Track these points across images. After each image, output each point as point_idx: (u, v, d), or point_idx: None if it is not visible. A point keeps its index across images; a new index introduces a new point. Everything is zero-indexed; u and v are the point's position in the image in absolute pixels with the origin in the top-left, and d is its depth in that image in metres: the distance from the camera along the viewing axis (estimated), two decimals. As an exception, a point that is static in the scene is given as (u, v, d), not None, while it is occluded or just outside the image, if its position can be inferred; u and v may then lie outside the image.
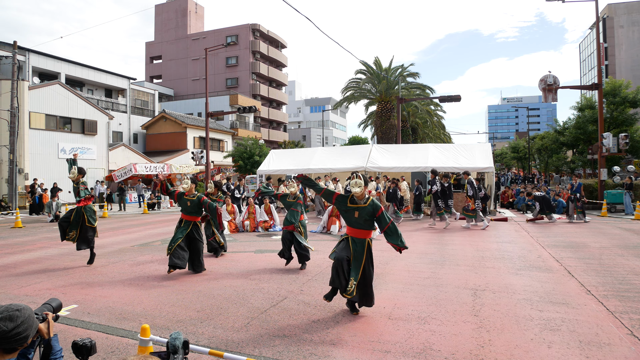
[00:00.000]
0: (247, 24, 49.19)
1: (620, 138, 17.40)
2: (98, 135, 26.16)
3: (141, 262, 7.85)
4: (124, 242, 10.41)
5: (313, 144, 58.57)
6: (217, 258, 8.16)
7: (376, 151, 18.37)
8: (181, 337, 2.01)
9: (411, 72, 32.90)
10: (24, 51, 25.97)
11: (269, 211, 12.66)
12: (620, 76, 47.59)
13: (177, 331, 2.04)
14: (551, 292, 5.47)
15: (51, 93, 23.69)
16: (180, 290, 5.86)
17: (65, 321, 4.61)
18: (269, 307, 5.00)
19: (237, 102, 40.62)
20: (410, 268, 7.00)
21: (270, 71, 51.84)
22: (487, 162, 16.38)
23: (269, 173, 19.20)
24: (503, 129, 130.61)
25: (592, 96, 29.17)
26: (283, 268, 7.15)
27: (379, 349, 3.76)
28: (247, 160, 29.08)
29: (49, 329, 1.90)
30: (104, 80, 32.76)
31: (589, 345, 3.79)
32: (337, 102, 35.74)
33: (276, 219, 12.69)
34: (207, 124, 24.18)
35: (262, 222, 12.50)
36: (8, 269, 7.36)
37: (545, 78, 17.65)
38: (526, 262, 7.38)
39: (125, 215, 18.62)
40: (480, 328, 4.22)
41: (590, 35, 66.87)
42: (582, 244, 9.22)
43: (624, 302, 5.00)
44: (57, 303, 2.06)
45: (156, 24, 53.76)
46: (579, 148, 28.12)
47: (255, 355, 3.66)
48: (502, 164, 56.34)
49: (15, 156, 19.79)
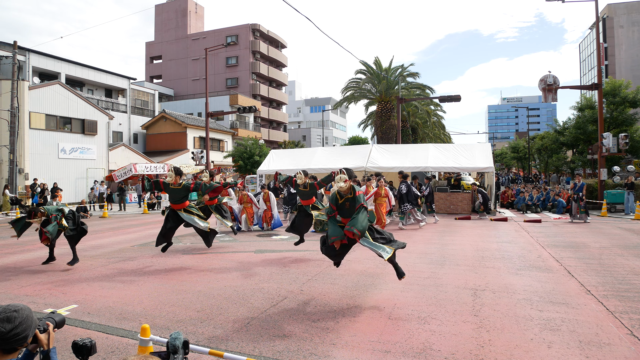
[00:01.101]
0: (247, 24, 49.19)
1: (620, 138, 17.39)
2: (98, 135, 26.16)
3: (141, 262, 7.85)
4: (124, 242, 10.41)
5: (313, 144, 58.57)
6: (214, 253, 8.21)
7: (376, 151, 18.38)
8: (181, 337, 2.01)
9: (411, 72, 32.93)
10: (24, 51, 25.97)
11: (267, 199, 12.28)
12: (620, 76, 47.59)
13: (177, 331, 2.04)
14: (551, 292, 5.47)
15: (51, 93, 23.68)
16: (180, 290, 5.86)
17: (65, 321, 4.61)
18: (269, 307, 5.00)
19: (237, 102, 40.62)
20: (410, 268, 7.00)
21: (270, 71, 51.84)
22: (487, 162, 16.38)
23: (269, 173, 19.20)
24: (503, 129, 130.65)
25: (592, 96, 29.16)
26: (283, 268, 7.15)
27: (379, 349, 3.76)
28: (247, 160, 29.07)
29: (49, 341, 1.90)
30: (104, 80, 32.76)
31: (589, 345, 3.79)
32: (337, 102, 35.74)
33: (275, 213, 12.29)
34: (207, 124, 24.19)
35: (265, 215, 12.18)
36: (8, 269, 7.35)
37: (545, 78, 17.65)
38: (526, 262, 7.38)
39: (125, 215, 18.62)
40: (480, 328, 4.22)
41: (590, 35, 66.85)
42: (582, 244, 9.22)
43: (624, 302, 5.00)
44: (61, 318, 2.04)
45: (156, 24, 53.76)
46: (579, 148, 28.11)
47: (255, 355, 3.66)
48: (502, 164, 56.36)
49: (15, 156, 19.80)
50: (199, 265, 7.47)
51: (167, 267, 7.29)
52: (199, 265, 7.46)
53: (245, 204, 12.29)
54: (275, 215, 12.30)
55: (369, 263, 7.39)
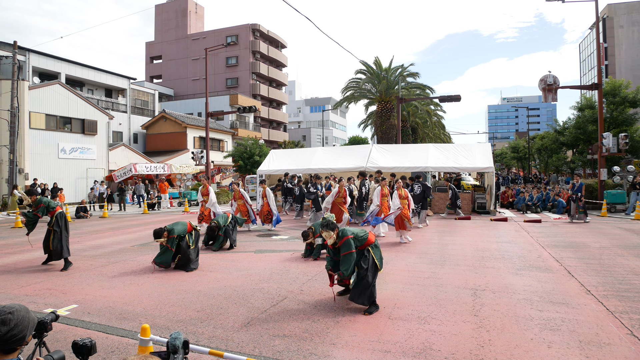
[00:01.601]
0: (247, 24, 49.20)
1: (620, 138, 17.39)
2: (98, 135, 26.15)
3: (141, 262, 7.85)
4: (124, 242, 10.41)
5: (313, 144, 58.59)
6: (214, 253, 8.18)
7: (376, 151, 18.37)
8: (181, 337, 2.01)
9: (411, 72, 32.93)
10: (24, 51, 25.96)
11: (264, 195, 12.07)
12: (620, 76, 47.60)
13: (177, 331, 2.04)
14: (551, 292, 5.47)
15: (51, 93, 23.67)
16: (180, 290, 5.86)
17: (65, 321, 4.61)
18: (269, 307, 5.00)
19: (237, 102, 40.63)
20: (410, 268, 7.00)
21: (270, 71, 51.85)
22: (487, 162, 16.37)
23: (269, 173, 19.19)
24: (503, 129, 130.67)
25: (592, 96, 29.16)
26: (283, 268, 7.15)
27: (379, 349, 3.76)
28: (247, 160, 29.08)
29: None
30: (104, 80, 32.75)
31: (589, 345, 3.79)
32: (337, 102, 35.74)
33: (273, 209, 12.04)
34: (207, 124, 24.18)
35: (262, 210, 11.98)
36: (8, 269, 7.35)
37: (545, 78, 17.65)
38: (526, 262, 7.38)
39: (125, 215, 18.62)
40: (480, 328, 4.22)
41: (590, 35, 66.86)
42: (582, 244, 9.22)
43: (624, 302, 5.00)
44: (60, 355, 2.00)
45: (156, 24, 53.76)
46: (578, 148, 28.11)
47: (255, 355, 3.66)
48: (502, 164, 56.36)
49: (15, 156, 19.79)
50: (199, 265, 7.46)
51: (166, 267, 7.28)
52: (199, 265, 7.46)
53: (237, 201, 12.10)
54: (274, 211, 12.04)
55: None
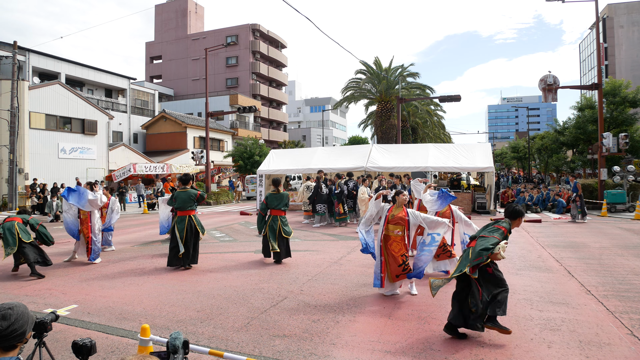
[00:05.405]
0: (247, 24, 49.19)
1: (620, 138, 17.39)
2: (98, 135, 26.15)
3: (141, 262, 7.85)
4: (124, 242, 10.40)
5: (313, 144, 58.57)
6: (214, 253, 8.17)
7: (376, 151, 18.37)
8: (181, 337, 2.01)
9: (411, 72, 32.94)
10: (24, 51, 25.95)
11: None
12: (620, 76, 47.57)
13: (177, 331, 2.04)
14: (551, 292, 5.47)
15: (51, 93, 23.67)
16: (180, 290, 5.86)
17: (65, 321, 4.61)
18: (269, 307, 5.00)
19: (237, 102, 40.61)
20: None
21: (270, 71, 51.84)
22: (487, 162, 16.37)
23: (269, 173, 19.19)
24: (503, 129, 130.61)
25: (592, 96, 29.15)
26: (283, 268, 7.15)
27: (379, 349, 3.76)
28: (247, 160, 29.08)
29: None
30: (104, 80, 32.75)
31: (589, 345, 3.79)
32: (337, 102, 35.75)
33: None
34: (207, 124, 24.18)
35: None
36: (8, 269, 7.35)
37: (545, 78, 17.65)
38: (526, 262, 7.38)
39: (125, 215, 18.61)
40: (480, 328, 4.22)
41: (590, 36, 66.85)
42: (582, 244, 9.21)
43: (624, 302, 5.00)
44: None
45: (156, 24, 53.75)
46: (579, 148, 28.10)
47: (255, 355, 3.66)
48: (502, 164, 56.35)
49: (15, 156, 19.79)
50: (199, 265, 7.46)
51: (167, 267, 7.29)
52: (199, 265, 7.46)
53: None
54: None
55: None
